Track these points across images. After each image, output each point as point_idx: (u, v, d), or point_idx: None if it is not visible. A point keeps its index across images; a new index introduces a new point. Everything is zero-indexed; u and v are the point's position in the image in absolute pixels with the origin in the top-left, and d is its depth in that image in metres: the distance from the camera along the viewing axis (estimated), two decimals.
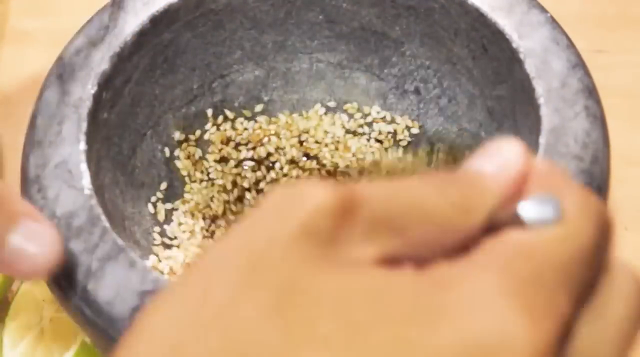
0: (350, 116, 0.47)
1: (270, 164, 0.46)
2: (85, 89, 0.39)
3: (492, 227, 0.22)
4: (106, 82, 0.40)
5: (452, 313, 0.20)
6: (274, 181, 0.46)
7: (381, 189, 0.22)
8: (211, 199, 0.46)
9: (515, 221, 0.22)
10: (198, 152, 0.46)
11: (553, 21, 0.41)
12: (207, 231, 0.45)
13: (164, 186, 0.45)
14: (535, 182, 0.23)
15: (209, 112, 0.47)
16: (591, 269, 0.22)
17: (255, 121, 0.47)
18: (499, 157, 0.23)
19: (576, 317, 0.21)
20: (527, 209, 0.22)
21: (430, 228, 0.22)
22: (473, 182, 0.23)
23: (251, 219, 0.22)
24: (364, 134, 0.47)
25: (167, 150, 0.46)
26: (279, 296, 0.20)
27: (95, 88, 0.39)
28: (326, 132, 0.47)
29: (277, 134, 0.47)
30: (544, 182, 0.23)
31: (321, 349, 0.20)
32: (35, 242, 0.34)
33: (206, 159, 0.46)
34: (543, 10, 0.41)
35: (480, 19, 0.42)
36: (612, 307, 0.22)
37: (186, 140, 0.46)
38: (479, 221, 0.22)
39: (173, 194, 0.46)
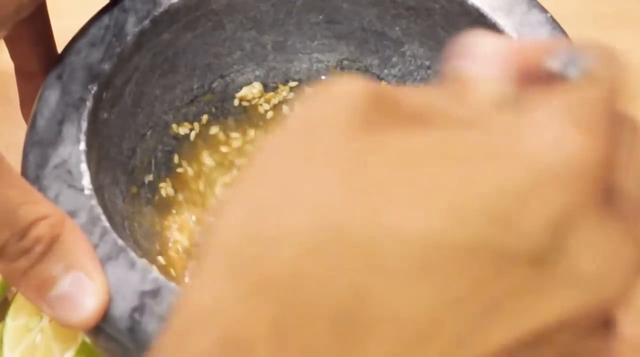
0: None
1: None
2: (85, 89, 0.39)
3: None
4: (106, 82, 0.40)
5: (515, 144, 0.21)
6: None
7: (402, 90, 0.23)
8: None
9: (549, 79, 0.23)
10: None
11: (553, 21, 0.41)
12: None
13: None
14: (542, 50, 0.24)
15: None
16: (622, 111, 0.23)
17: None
18: (480, 54, 0.24)
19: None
20: (558, 63, 0.23)
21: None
22: (473, 86, 0.24)
23: (297, 112, 0.22)
24: None
25: (167, 150, 0.46)
26: (344, 162, 0.21)
27: (95, 88, 0.39)
28: None
29: None
30: (552, 46, 0.24)
31: (399, 202, 0.20)
32: (80, 294, 0.34)
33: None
34: (543, 10, 0.41)
35: (480, 19, 0.42)
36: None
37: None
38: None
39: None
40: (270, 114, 0.47)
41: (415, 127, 0.22)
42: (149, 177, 0.45)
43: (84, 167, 0.37)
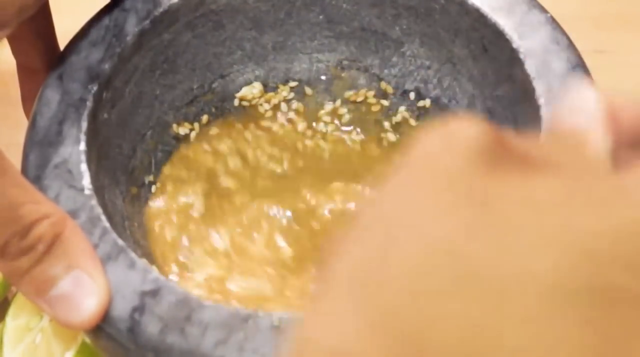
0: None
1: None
2: (85, 89, 0.39)
3: None
4: (106, 82, 0.40)
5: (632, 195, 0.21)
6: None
7: (515, 137, 0.23)
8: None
9: None
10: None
11: (553, 21, 0.41)
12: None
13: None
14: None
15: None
16: None
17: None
18: (583, 108, 0.24)
19: None
20: None
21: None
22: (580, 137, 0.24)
23: (413, 154, 0.22)
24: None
25: (167, 150, 0.46)
26: (470, 204, 0.21)
27: (95, 88, 0.39)
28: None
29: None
30: None
31: (528, 245, 0.20)
32: (81, 294, 0.34)
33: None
34: (543, 10, 0.41)
35: (480, 20, 0.42)
36: None
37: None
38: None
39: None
40: (269, 114, 0.47)
41: (535, 173, 0.22)
42: (149, 178, 0.45)
43: (84, 167, 0.37)
